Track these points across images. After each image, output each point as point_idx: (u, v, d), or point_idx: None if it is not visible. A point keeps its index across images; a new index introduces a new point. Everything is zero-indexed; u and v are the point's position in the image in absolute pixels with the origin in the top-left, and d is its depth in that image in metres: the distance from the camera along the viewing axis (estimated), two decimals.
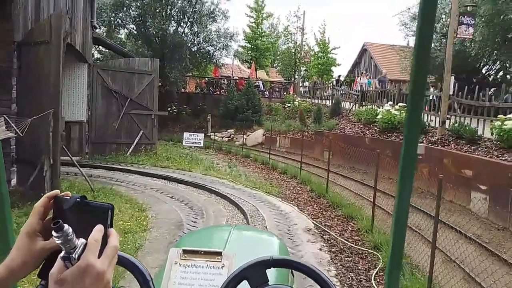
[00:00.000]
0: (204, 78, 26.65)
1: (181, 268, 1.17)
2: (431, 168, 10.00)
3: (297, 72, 28.51)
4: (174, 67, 20.96)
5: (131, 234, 5.88)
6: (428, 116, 12.61)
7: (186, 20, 22.17)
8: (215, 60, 23.81)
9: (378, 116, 13.51)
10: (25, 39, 7.64)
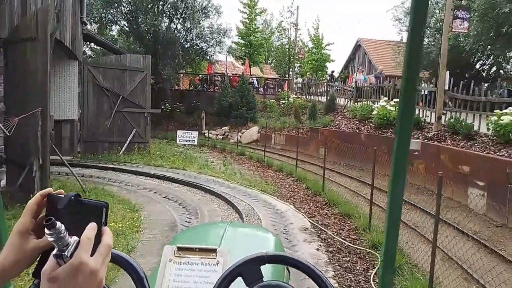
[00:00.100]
0: (198, 75, 26.39)
1: (176, 266, 1.16)
2: (428, 164, 9.92)
3: (292, 69, 28.30)
4: (167, 64, 20.72)
5: (123, 236, 5.71)
6: (424, 112, 12.52)
7: (179, 16, 21.91)
8: (209, 57, 23.60)
9: (374, 112, 13.42)
10: (11, 36, 7.40)
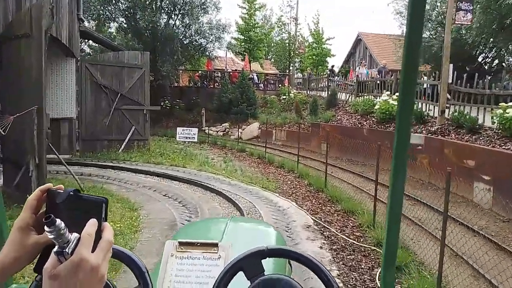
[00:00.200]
0: (198, 72, 26.18)
1: (178, 260, 1.16)
2: (431, 159, 9.75)
3: (292, 64, 28.09)
4: (166, 61, 20.53)
5: (122, 236, 5.58)
6: (427, 106, 12.33)
7: (177, 12, 21.69)
8: (208, 53, 23.38)
9: (376, 107, 13.23)
10: (5, 33, 7.23)
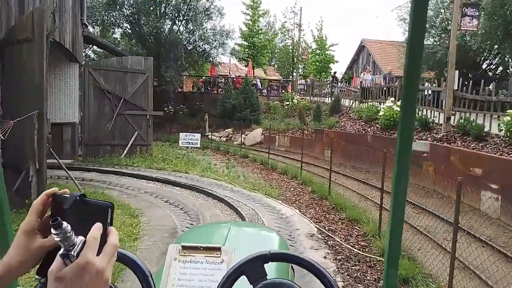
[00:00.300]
0: (201, 77, 26.19)
1: (181, 264, 1.16)
2: (437, 166, 9.60)
3: (295, 70, 28.05)
4: (170, 66, 20.53)
5: (121, 243, 5.45)
6: (431, 112, 12.20)
7: (181, 18, 21.73)
8: (212, 59, 23.40)
9: (380, 113, 13.10)
10: (7, 37, 7.20)
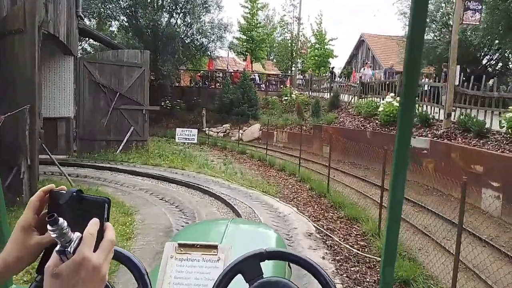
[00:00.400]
0: (199, 71, 25.92)
1: (177, 262, 1.16)
2: (437, 163, 9.46)
3: (294, 64, 27.80)
4: (167, 60, 20.27)
5: None
6: (431, 108, 12.04)
7: (179, 11, 21.43)
8: (209, 52, 23.12)
9: (380, 109, 12.94)
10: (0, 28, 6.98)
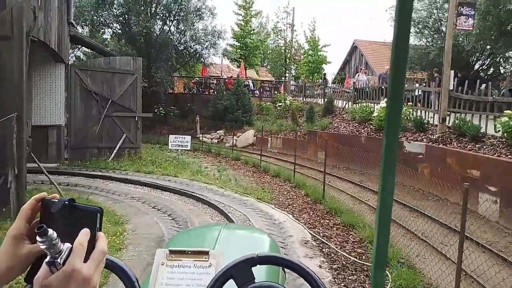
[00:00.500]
0: (193, 78, 25.82)
1: (168, 269, 1.15)
2: (433, 168, 9.39)
3: (288, 70, 27.80)
4: (160, 67, 20.17)
5: None
6: (426, 113, 12.01)
7: (172, 18, 21.38)
8: (203, 59, 23.06)
9: (374, 114, 12.90)
10: None
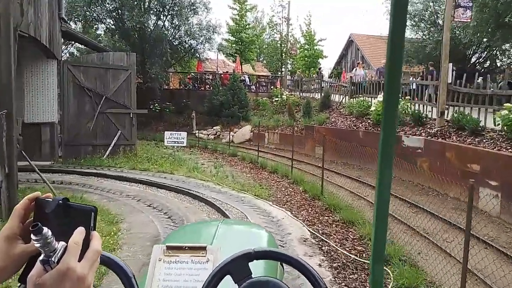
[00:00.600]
0: (188, 74, 25.58)
1: (165, 265, 1.14)
2: (432, 163, 9.30)
3: (284, 65, 27.60)
4: (155, 63, 19.93)
5: None
6: (424, 107, 11.90)
7: (166, 13, 21.10)
8: (198, 54, 22.83)
9: (371, 108, 12.77)
10: None
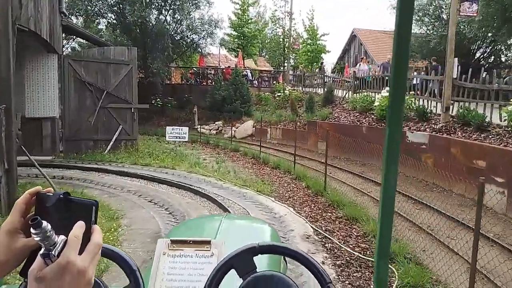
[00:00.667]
0: (191, 69, 25.43)
1: (170, 259, 1.15)
2: (437, 158, 9.17)
3: (287, 60, 27.38)
4: (157, 57, 19.80)
5: None
6: (429, 102, 11.75)
7: (168, 7, 20.93)
8: (200, 49, 22.67)
9: (375, 103, 12.63)
10: None
